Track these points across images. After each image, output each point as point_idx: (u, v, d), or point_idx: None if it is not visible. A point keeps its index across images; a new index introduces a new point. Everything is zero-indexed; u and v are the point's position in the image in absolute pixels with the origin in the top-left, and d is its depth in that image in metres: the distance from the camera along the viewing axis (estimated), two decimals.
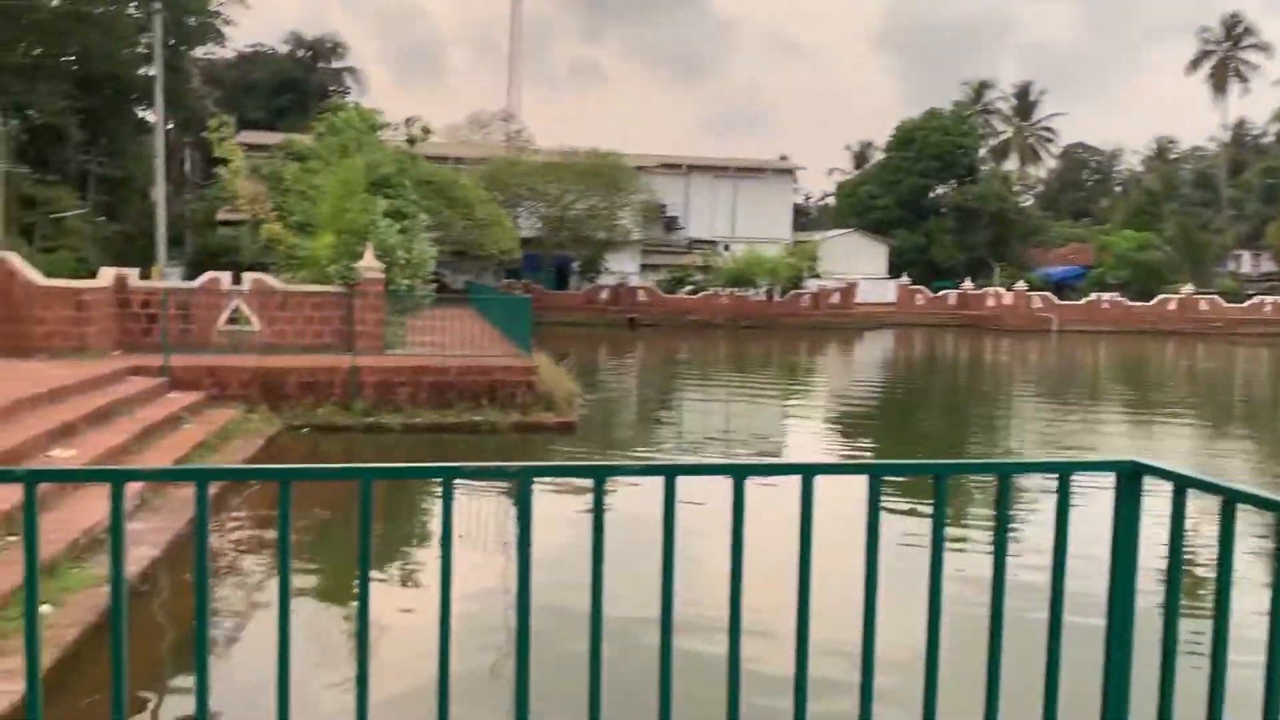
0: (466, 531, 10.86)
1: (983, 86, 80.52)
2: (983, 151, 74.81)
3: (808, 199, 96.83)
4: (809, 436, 19.49)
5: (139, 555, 7.99)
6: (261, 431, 14.56)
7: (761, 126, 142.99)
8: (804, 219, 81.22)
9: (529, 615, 2.53)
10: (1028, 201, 78.87)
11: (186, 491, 9.86)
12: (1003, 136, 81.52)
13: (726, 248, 58.75)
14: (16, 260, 17.58)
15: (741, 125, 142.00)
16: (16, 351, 16.40)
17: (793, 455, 17.02)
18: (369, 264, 18.77)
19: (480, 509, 11.31)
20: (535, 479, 2.55)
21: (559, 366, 19.84)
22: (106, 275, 18.55)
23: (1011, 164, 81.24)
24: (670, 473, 2.56)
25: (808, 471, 2.54)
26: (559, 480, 10.76)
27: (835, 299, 55.28)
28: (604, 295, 53.43)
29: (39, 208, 38.51)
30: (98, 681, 5.61)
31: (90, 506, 8.44)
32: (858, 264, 60.71)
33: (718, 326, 50.76)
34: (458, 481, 2.47)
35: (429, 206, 32.64)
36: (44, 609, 6.54)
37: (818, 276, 57.01)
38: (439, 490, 2.55)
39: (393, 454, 14.28)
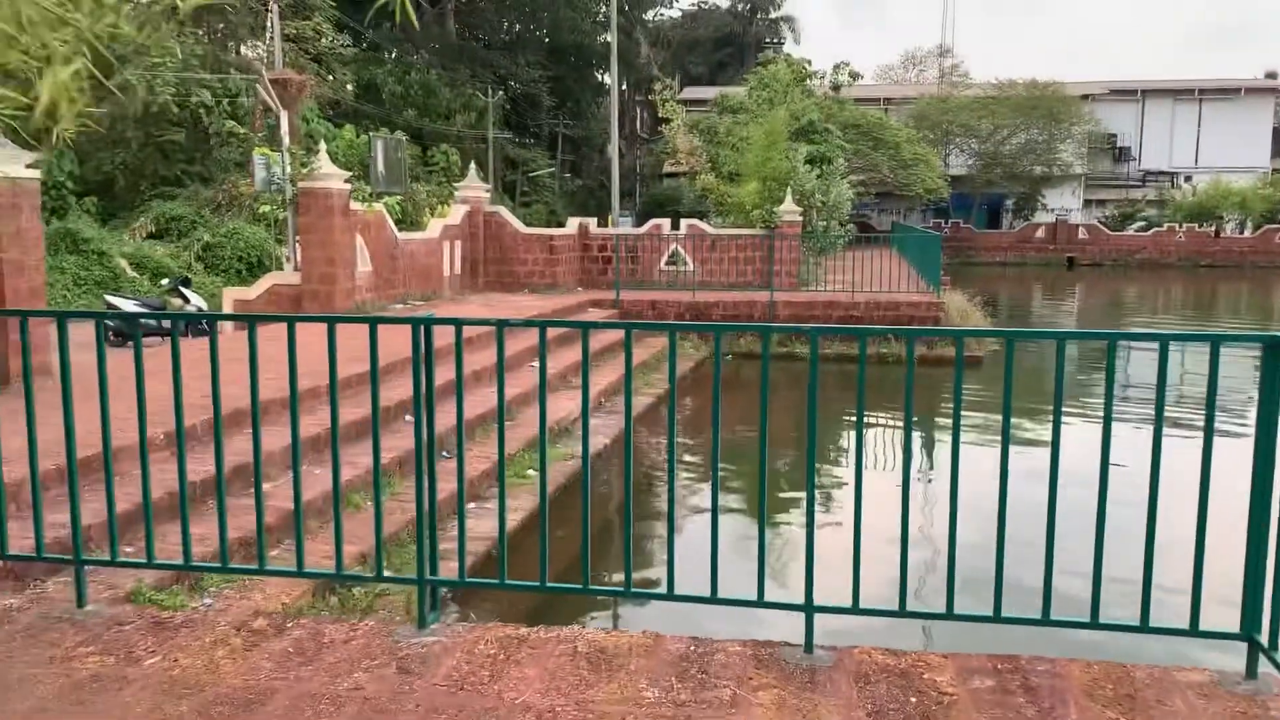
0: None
1: None
2: None
3: None
4: None
5: (594, 443, 10.18)
6: (692, 356, 16.83)
7: (1247, 38, 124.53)
8: None
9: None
10: None
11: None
12: None
13: (1187, 179, 53.22)
14: (506, 213, 21.51)
15: (1221, 39, 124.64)
16: (506, 287, 20.31)
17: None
18: (789, 208, 20.36)
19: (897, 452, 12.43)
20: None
21: (970, 303, 20.13)
22: (572, 224, 22.03)
23: None
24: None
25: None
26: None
27: None
28: (1039, 233, 51.02)
29: (518, 167, 45.06)
30: (564, 522, 7.63)
31: (561, 405, 10.83)
32: None
33: (1170, 266, 46.52)
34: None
35: (855, 149, 33.63)
36: (529, 472, 8.83)
37: None
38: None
39: (802, 379, 15.67)
